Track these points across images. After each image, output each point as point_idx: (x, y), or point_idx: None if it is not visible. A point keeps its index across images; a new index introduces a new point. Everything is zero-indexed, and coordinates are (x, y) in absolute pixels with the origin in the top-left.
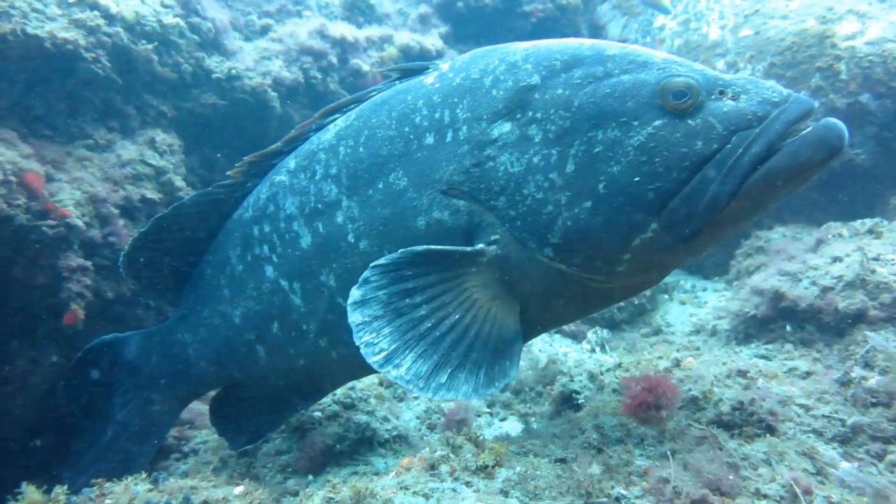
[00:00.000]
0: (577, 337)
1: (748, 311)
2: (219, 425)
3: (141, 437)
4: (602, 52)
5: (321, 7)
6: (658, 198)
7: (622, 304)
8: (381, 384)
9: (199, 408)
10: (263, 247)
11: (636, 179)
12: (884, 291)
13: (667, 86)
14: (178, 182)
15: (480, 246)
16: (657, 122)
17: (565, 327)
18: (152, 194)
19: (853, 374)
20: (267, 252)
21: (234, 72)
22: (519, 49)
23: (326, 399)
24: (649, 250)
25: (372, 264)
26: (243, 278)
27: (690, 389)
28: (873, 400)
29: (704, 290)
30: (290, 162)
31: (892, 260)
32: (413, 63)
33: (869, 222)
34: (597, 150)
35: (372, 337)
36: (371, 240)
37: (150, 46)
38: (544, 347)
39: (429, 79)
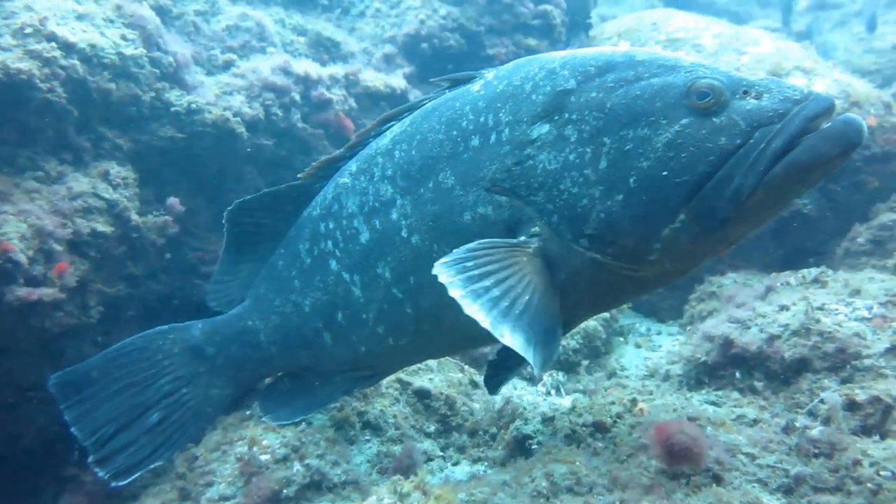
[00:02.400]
0: (533, 379)
1: (699, 357)
2: (267, 404)
3: (192, 419)
4: (633, 58)
5: (286, 44)
6: (685, 190)
7: (577, 346)
8: (332, 427)
9: None
10: (328, 242)
11: (664, 174)
12: (827, 341)
13: (692, 87)
14: (132, 216)
15: (523, 238)
16: (684, 121)
17: (523, 370)
18: (103, 227)
19: (797, 424)
20: (331, 247)
21: (194, 106)
22: (557, 57)
23: (275, 441)
24: (678, 240)
25: (437, 262)
26: (311, 270)
27: (640, 437)
28: (816, 450)
29: (659, 333)
30: (353, 165)
31: (836, 310)
32: (461, 73)
33: (815, 271)
34: (628, 147)
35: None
36: (422, 234)
37: (107, 79)
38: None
39: (475, 87)
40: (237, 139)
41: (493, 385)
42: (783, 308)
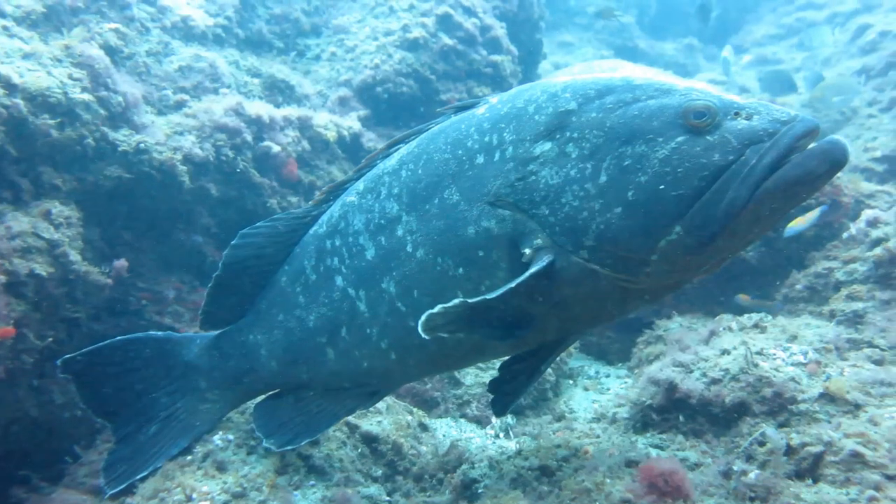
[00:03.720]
0: (481, 422)
1: (645, 401)
2: (264, 422)
3: (181, 432)
4: (631, 83)
5: (240, 86)
6: (680, 203)
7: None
8: (275, 471)
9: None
10: (334, 259)
11: (661, 187)
12: (765, 385)
13: (688, 107)
14: (73, 256)
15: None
16: (680, 138)
17: (468, 411)
18: (42, 269)
19: (734, 468)
20: (337, 263)
21: (142, 145)
22: (559, 83)
23: (215, 488)
24: (674, 251)
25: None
26: (317, 286)
27: (584, 480)
28: (752, 494)
29: (608, 376)
30: (360, 185)
31: (774, 354)
32: (466, 101)
33: (755, 317)
34: (626, 163)
35: None
36: (427, 248)
37: (52, 119)
38: (448, 432)
39: (480, 110)
40: (186, 179)
41: (500, 407)
42: (724, 352)
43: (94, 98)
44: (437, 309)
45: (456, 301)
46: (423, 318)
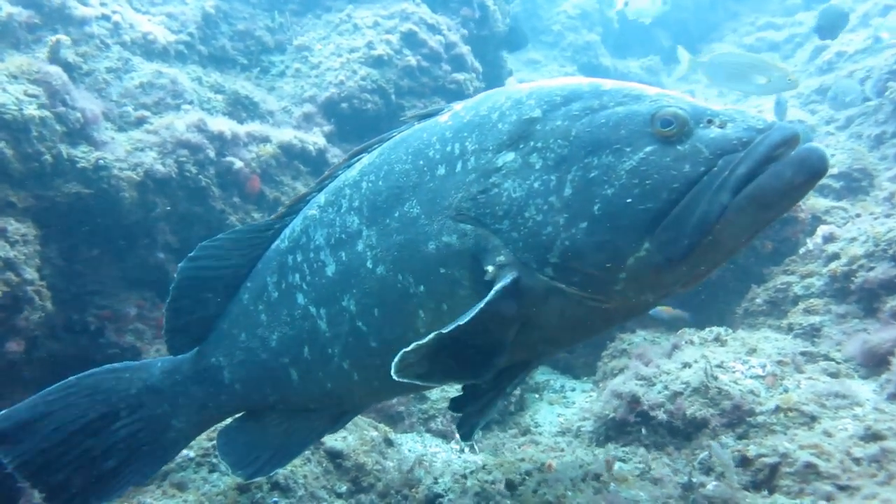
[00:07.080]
0: (446, 436)
1: (608, 414)
2: (229, 452)
3: (147, 462)
4: (598, 88)
5: (203, 102)
6: (649, 218)
7: None
8: (237, 489)
9: None
10: (296, 275)
11: (628, 201)
12: (725, 398)
13: (656, 115)
14: (28, 274)
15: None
16: (648, 148)
17: (433, 425)
18: None
19: (694, 480)
20: (298, 280)
21: (102, 162)
22: (524, 88)
23: None
24: (643, 269)
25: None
26: (279, 304)
27: (546, 494)
28: None
29: (573, 390)
30: (321, 198)
31: (734, 368)
32: (430, 108)
33: (716, 331)
34: (592, 174)
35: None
36: (387, 265)
37: (6, 136)
38: (414, 447)
39: (443, 118)
40: (147, 195)
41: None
42: (685, 365)
43: (52, 114)
44: (410, 346)
45: (431, 336)
46: (397, 358)
